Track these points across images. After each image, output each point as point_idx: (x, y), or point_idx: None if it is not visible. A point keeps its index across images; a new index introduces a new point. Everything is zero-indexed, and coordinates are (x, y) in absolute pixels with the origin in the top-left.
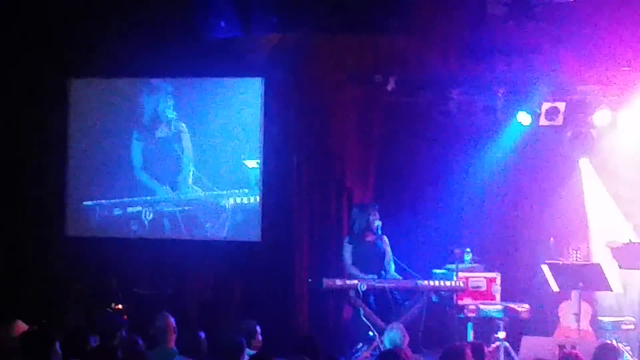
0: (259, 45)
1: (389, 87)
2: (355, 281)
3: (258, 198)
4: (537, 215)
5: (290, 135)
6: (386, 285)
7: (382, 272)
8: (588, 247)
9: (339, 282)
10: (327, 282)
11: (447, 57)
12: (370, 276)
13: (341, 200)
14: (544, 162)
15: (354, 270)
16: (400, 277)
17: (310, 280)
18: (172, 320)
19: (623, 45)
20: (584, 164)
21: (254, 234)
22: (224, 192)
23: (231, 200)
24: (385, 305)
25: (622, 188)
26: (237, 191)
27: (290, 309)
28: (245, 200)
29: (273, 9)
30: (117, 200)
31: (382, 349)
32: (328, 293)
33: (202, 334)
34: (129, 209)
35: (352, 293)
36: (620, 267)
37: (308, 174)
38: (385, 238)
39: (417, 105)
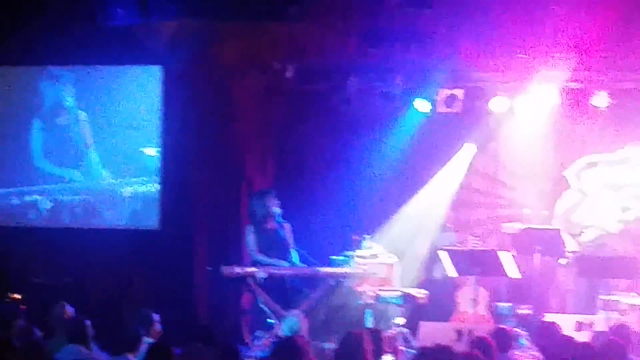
0: (157, 33)
1: (288, 75)
2: (254, 269)
3: (157, 186)
4: (436, 201)
5: (189, 123)
6: (285, 272)
7: (287, 259)
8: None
9: (238, 269)
10: (226, 269)
11: (346, 45)
12: (283, 263)
13: (240, 188)
14: (442, 148)
15: (261, 257)
16: (305, 265)
17: (209, 268)
18: (69, 309)
19: (519, 32)
20: (468, 148)
21: (153, 222)
22: (123, 180)
23: (130, 189)
24: (285, 292)
25: (519, 174)
26: (136, 179)
27: (189, 297)
28: (144, 189)
29: None
30: (14, 189)
31: (281, 336)
32: (227, 281)
33: (88, 322)
34: (27, 198)
35: (251, 281)
36: (516, 253)
37: (207, 161)
38: (287, 225)
39: (316, 93)
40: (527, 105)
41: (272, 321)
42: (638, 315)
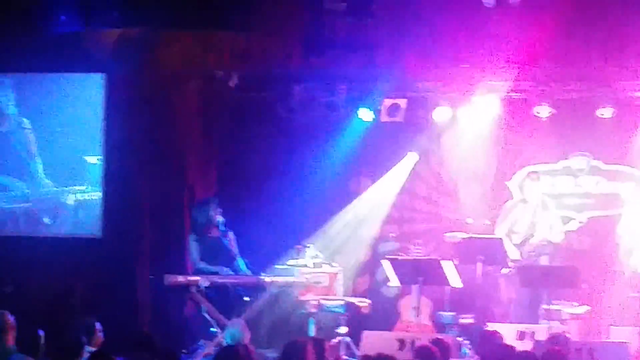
0: (100, 40)
1: (232, 83)
2: (197, 277)
3: (99, 194)
4: (378, 210)
5: (132, 131)
6: (228, 281)
7: (232, 267)
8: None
9: (180, 278)
10: (169, 278)
11: (289, 54)
12: (225, 269)
13: (183, 196)
14: (385, 157)
15: (203, 265)
16: (249, 273)
17: (152, 276)
18: (10, 318)
19: (462, 43)
20: (410, 157)
21: (95, 230)
22: (66, 188)
23: (73, 197)
24: (228, 301)
25: (462, 183)
26: (78, 187)
27: (132, 306)
28: (86, 197)
29: (114, 3)
30: None
31: (223, 345)
32: (170, 289)
33: (42, 332)
34: None
35: (193, 289)
36: (459, 262)
37: (150, 170)
38: (230, 234)
39: (259, 101)
40: (469, 115)
41: (215, 330)
42: (579, 324)
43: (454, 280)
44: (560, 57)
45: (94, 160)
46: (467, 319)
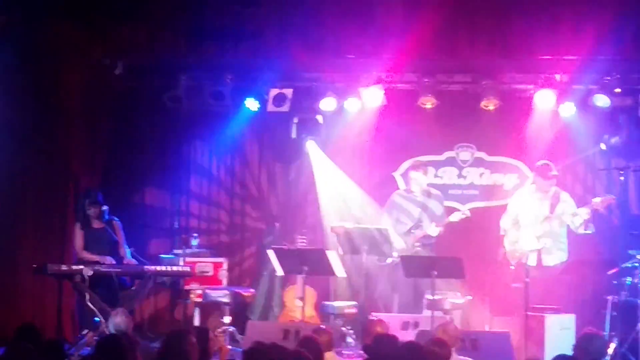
0: None
1: (118, 71)
2: (81, 266)
3: None
4: (265, 200)
5: (16, 119)
6: (113, 270)
7: (116, 256)
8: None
9: (64, 267)
10: (52, 267)
11: (175, 42)
12: (109, 259)
13: (68, 186)
14: (273, 147)
15: (87, 255)
16: (134, 263)
17: (35, 266)
18: None
19: (348, 33)
20: (311, 146)
21: None
22: None
23: None
24: (112, 290)
25: (348, 173)
26: None
27: (14, 296)
28: None
29: None
30: None
31: (106, 334)
32: (53, 278)
33: None
34: None
35: (77, 278)
36: (343, 252)
37: (34, 159)
38: (115, 223)
39: (146, 90)
40: (355, 105)
41: (99, 319)
42: (461, 313)
43: (339, 270)
44: (444, 49)
45: None
46: (351, 309)
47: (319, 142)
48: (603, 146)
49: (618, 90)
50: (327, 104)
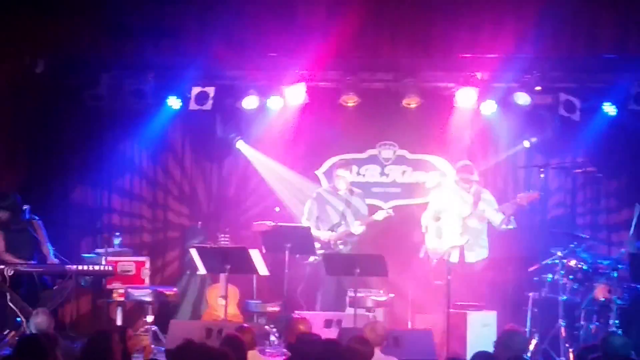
0: None
1: (39, 69)
2: (2, 266)
3: None
4: (189, 198)
5: None
6: (34, 270)
7: (38, 256)
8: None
9: None
10: None
11: (96, 40)
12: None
13: None
14: (197, 145)
15: (8, 257)
16: (55, 262)
17: None
18: None
19: (270, 31)
20: (242, 146)
21: None
22: None
23: None
24: (33, 290)
25: (273, 171)
26: None
27: None
28: None
29: None
30: None
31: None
32: None
33: None
34: None
35: None
36: (266, 250)
37: None
38: (36, 222)
39: (67, 88)
40: (278, 104)
41: (20, 319)
42: (384, 311)
43: (261, 268)
44: (366, 47)
45: None
46: (274, 307)
47: (245, 141)
48: (527, 144)
49: (538, 88)
50: (250, 102)
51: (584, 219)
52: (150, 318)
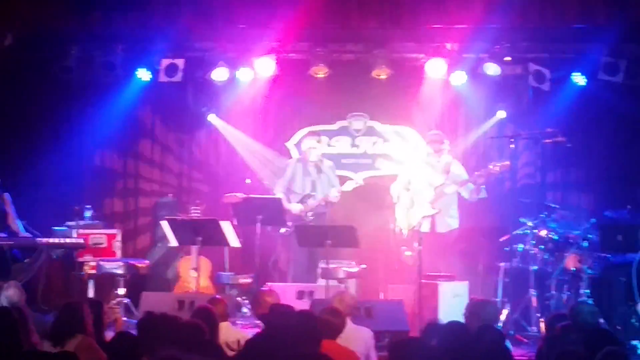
0: None
1: (7, 42)
2: None
3: None
4: (158, 170)
5: None
6: (4, 243)
7: (7, 229)
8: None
9: None
10: None
11: (65, 13)
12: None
13: None
14: (169, 118)
15: None
16: (26, 235)
17: None
18: None
19: (238, 2)
20: (213, 119)
21: None
22: None
23: None
24: (4, 263)
25: (241, 143)
26: None
27: None
28: None
29: None
30: None
31: None
32: None
33: None
34: None
35: None
36: (237, 222)
37: None
38: (5, 196)
39: (36, 61)
40: (248, 75)
41: None
42: (356, 282)
43: (233, 240)
44: (336, 18)
45: None
46: (246, 279)
47: (216, 113)
48: (502, 114)
49: (508, 58)
50: (219, 74)
51: (553, 188)
52: (122, 291)
